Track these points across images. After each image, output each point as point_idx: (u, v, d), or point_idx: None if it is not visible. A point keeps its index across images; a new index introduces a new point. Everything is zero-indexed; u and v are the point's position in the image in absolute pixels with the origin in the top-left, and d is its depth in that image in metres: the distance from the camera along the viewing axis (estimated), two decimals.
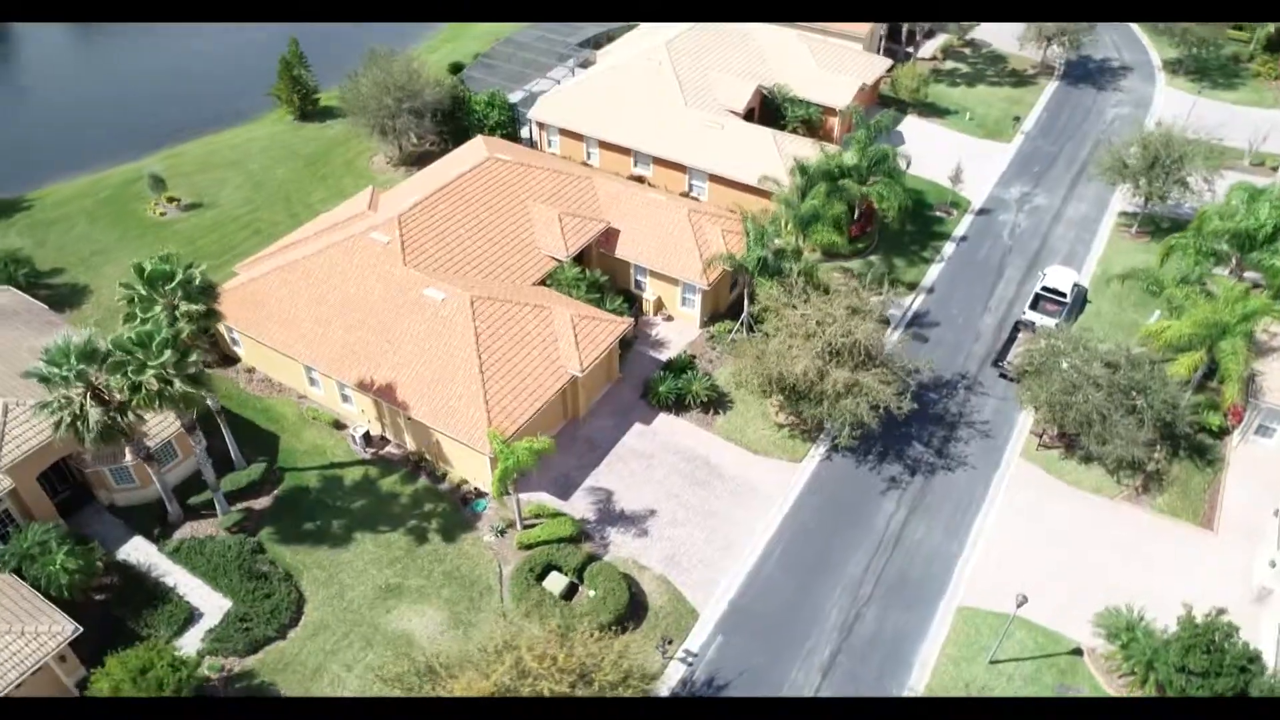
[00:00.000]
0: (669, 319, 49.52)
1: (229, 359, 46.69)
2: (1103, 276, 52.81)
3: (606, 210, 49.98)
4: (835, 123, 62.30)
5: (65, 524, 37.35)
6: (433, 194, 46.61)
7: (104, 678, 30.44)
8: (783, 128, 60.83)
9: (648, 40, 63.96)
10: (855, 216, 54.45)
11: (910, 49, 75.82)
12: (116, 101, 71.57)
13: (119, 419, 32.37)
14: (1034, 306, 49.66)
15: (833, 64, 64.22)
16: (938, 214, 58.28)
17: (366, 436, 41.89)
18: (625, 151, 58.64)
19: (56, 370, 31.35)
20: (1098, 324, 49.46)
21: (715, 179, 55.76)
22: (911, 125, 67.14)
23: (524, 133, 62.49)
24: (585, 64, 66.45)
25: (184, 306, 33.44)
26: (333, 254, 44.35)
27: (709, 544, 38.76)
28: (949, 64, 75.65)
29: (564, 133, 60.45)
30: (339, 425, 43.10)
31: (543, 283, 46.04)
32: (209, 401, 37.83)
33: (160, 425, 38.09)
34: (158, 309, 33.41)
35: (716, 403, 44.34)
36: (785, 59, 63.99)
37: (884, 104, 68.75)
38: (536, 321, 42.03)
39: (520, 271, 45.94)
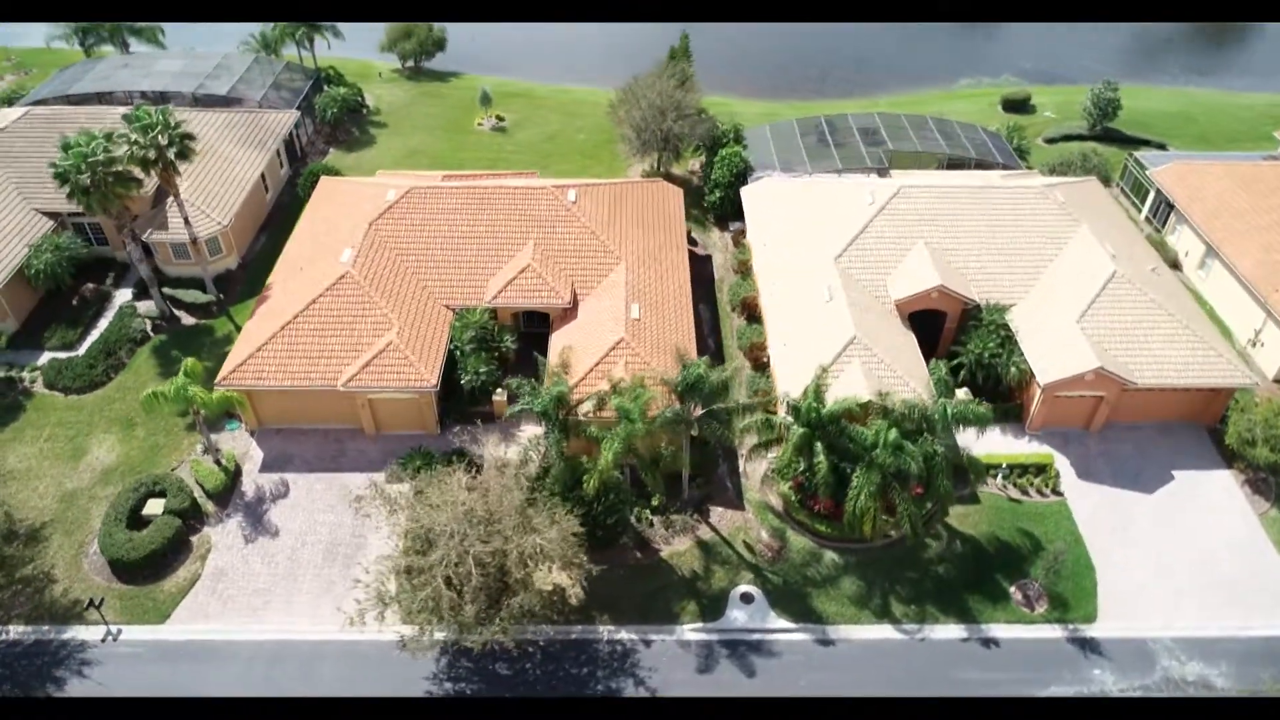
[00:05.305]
0: None
1: None
2: None
3: (591, 293, 44.75)
4: (1036, 396, 42.06)
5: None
6: (466, 189, 47.92)
7: None
8: (955, 356, 43.87)
9: (961, 179, 50.30)
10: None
11: None
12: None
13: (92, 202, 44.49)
14: None
15: (1116, 329, 42.28)
16: (1013, 591, 37.15)
17: None
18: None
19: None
20: None
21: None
22: (1217, 487, 41.28)
23: None
24: (880, 172, 55.14)
25: (137, 146, 43.83)
26: (369, 191, 49.86)
27: (256, 596, 36.94)
28: None
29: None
30: None
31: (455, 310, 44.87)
32: (186, 234, 48.54)
33: (176, 229, 50.09)
34: (141, 138, 44.47)
35: None
36: (1059, 285, 44.33)
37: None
38: (371, 325, 42.23)
39: (455, 288, 45.36)
